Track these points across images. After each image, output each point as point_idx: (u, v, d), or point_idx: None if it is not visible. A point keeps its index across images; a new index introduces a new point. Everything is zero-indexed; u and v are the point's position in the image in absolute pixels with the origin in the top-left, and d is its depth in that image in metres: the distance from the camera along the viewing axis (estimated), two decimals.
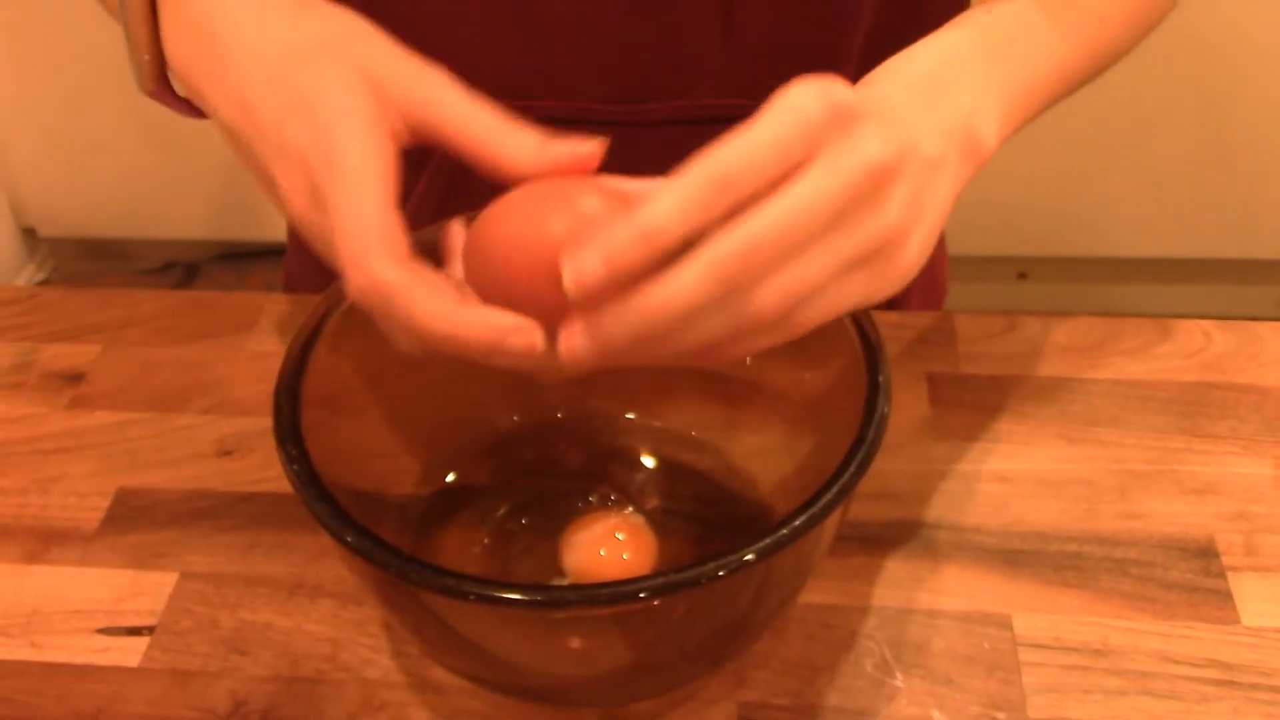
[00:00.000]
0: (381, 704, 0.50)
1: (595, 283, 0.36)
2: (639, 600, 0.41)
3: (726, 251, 0.37)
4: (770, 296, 0.38)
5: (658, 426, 0.57)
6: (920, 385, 0.63)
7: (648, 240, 0.36)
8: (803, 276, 0.38)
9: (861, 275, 0.40)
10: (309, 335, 0.48)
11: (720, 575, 0.40)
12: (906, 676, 0.50)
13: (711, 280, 0.37)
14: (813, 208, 0.38)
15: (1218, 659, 0.50)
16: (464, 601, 0.40)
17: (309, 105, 0.42)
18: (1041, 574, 0.54)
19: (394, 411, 0.53)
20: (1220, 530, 0.55)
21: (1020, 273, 1.92)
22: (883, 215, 0.40)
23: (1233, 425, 0.60)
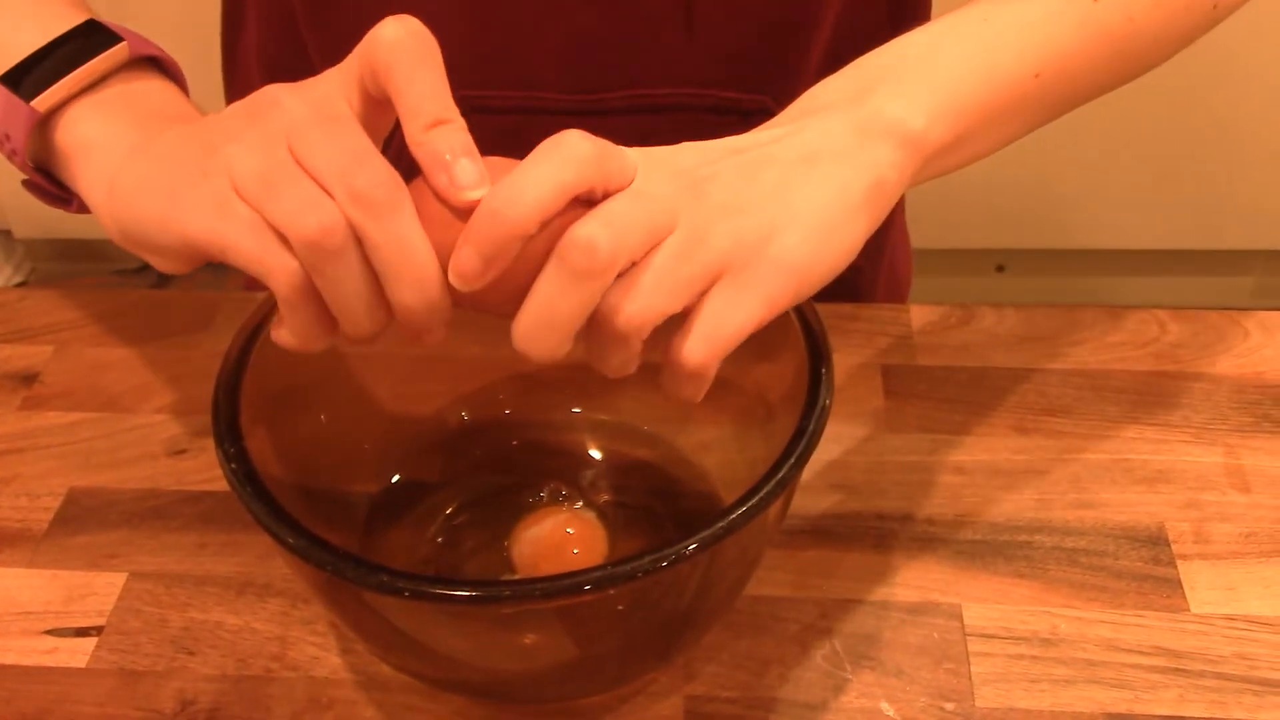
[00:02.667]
0: (329, 702, 0.50)
1: (473, 270, 0.38)
2: (578, 594, 0.40)
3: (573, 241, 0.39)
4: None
5: (607, 421, 0.57)
6: (875, 377, 0.63)
7: (495, 218, 0.38)
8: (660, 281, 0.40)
9: (725, 283, 0.40)
10: (250, 333, 0.48)
11: (661, 567, 0.40)
12: (856, 668, 0.50)
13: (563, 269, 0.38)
14: (638, 214, 0.39)
15: (1166, 647, 0.51)
16: (401, 599, 0.39)
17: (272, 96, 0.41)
18: (992, 565, 0.54)
19: (342, 409, 0.53)
20: (1171, 519, 0.56)
21: (998, 265, 1.92)
22: (721, 224, 0.40)
23: (1185, 414, 0.60)
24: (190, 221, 0.41)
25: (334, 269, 0.39)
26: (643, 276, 0.39)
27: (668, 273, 0.39)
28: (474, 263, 0.38)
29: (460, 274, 0.39)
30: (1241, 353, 0.63)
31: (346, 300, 0.40)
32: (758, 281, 0.40)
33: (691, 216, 0.40)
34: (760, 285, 0.40)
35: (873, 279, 0.82)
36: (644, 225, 0.39)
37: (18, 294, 0.71)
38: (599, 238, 0.38)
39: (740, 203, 0.41)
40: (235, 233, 0.39)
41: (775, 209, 0.41)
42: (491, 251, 0.38)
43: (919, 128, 0.44)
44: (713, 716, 0.49)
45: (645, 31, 0.64)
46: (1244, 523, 0.55)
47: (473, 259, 0.38)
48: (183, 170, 0.42)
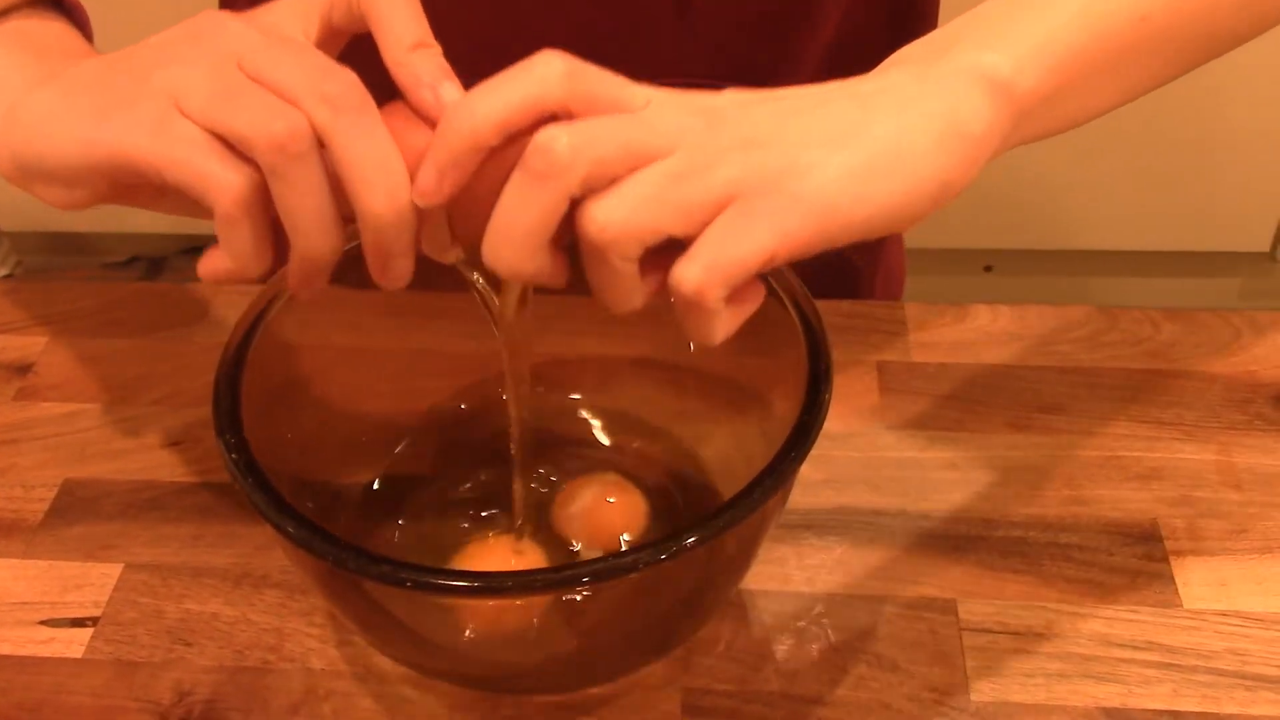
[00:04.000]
0: (326, 694, 0.50)
1: (431, 186, 0.38)
2: (578, 585, 0.41)
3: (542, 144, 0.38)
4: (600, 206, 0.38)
5: (607, 410, 0.57)
6: (870, 374, 0.63)
7: (470, 111, 0.38)
8: (636, 186, 0.38)
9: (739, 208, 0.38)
10: (251, 324, 0.48)
11: (662, 560, 0.40)
12: (851, 662, 0.50)
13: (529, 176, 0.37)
14: (644, 121, 0.38)
15: (1159, 642, 0.51)
16: (402, 590, 0.39)
17: (216, 20, 0.41)
18: (986, 559, 0.54)
19: (339, 402, 0.53)
20: (1164, 515, 0.56)
21: (986, 265, 1.93)
22: (728, 133, 0.39)
23: (1178, 412, 0.61)
24: (122, 141, 0.40)
25: (297, 174, 0.38)
26: (623, 187, 0.38)
27: (655, 189, 0.38)
28: (430, 176, 0.38)
29: (419, 189, 0.38)
30: (1234, 351, 0.64)
31: (305, 212, 0.39)
32: (772, 211, 0.37)
33: (698, 145, 0.38)
34: (774, 216, 0.37)
35: (870, 278, 0.82)
36: (618, 140, 0.38)
37: (8, 285, 0.71)
38: (559, 140, 0.37)
39: (764, 138, 0.38)
40: (175, 149, 0.39)
41: (809, 146, 0.38)
42: (446, 162, 0.38)
43: (1006, 74, 0.41)
44: (709, 710, 0.49)
45: (645, 24, 0.64)
46: (1236, 519, 0.56)
47: (429, 171, 0.38)
48: (111, 94, 0.41)
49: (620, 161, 0.38)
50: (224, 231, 0.40)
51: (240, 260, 0.40)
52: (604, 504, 0.54)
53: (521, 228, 0.38)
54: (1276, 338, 0.65)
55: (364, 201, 0.39)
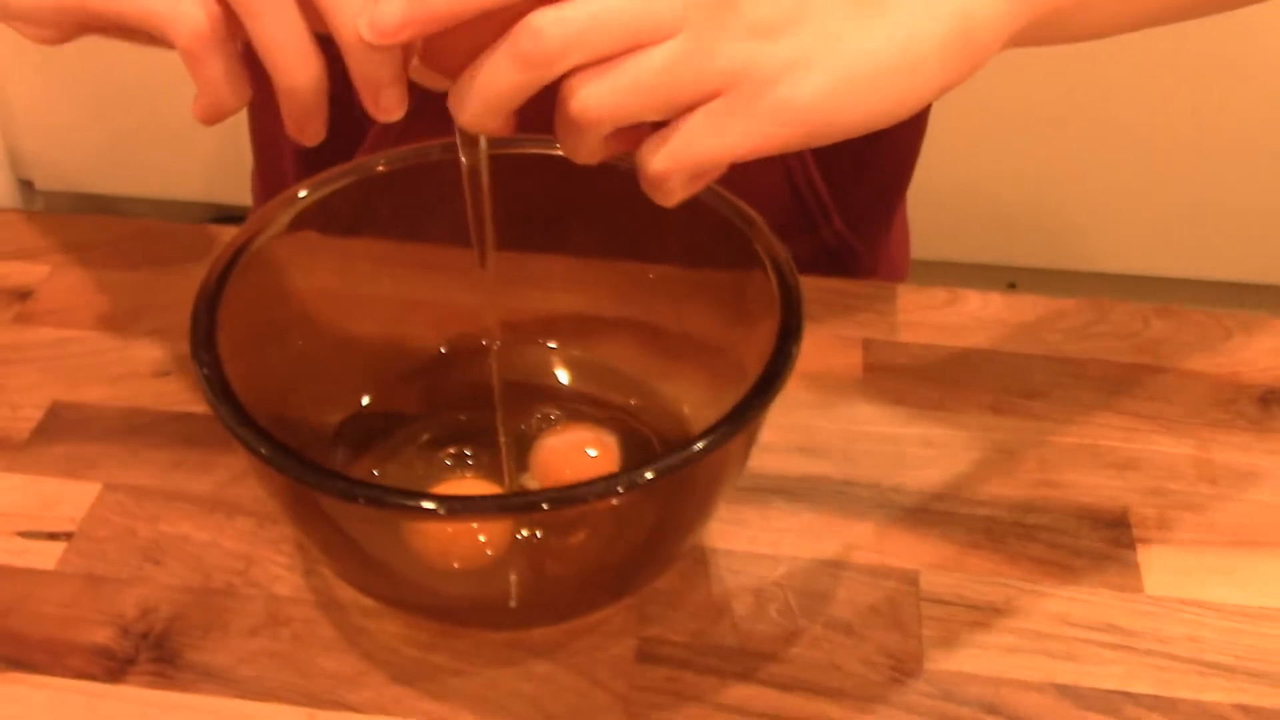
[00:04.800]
0: (286, 619, 0.50)
1: (393, 27, 0.37)
2: (532, 511, 0.41)
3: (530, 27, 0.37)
4: (583, 86, 0.38)
5: (591, 363, 0.58)
6: (856, 349, 0.63)
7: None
8: (621, 73, 0.37)
9: (715, 107, 0.38)
10: (236, 251, 0.49)
11: (617, 492, 0.40)
12: (808, 623, 0.51)
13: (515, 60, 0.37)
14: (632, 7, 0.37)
15: (1117, 625, 0.51)
16: (354, 505, 0.40)
17: None
18: (953, 535, 0.54)
19: (322, 341, 0.54)
20: (1135, 504, 0.56)
21: (1010, 283, 1.92)
22: (735, 36, 0.37)
23: (1159, 406, 0.61)
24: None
25: (260, 4, 0.38)
26: (612, 73, 0.37)
27: (642, 75, 0.37)
28: (392, 16, 0.37)
29: (372, 23, 0.37)
30: (1222, 351, 0.64)
31: (275, 40, 0.38)
32: (749, 114, 0.37)
33: (702, 30, 0.37)
34: (750, 119, 0.37)
35: (871, 266, 0.82)
36: (614, 31, 0.37)
37: (21, 215, 0.72)
38: (550, 29, 0.36)
39: (772, 27, 0.38)
40: None
41: (814, 43, 0.37)
42: (416, 14, 0.37)
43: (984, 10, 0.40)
44: (661, 658, 0.49)
45: None
46: (1208, 512, 0.56)
47: (393, 9, 0.37)
48: None
49: (615, 47, 0.37)
50: (190, 67, 0.40)
51: (214, 95, 0.40)
52: (581, 453, 0.55)
53: (496, 96, 0.38)
54: (1267, 340, 0.64)
55: (337, 31, 0.38)
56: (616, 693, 0.48)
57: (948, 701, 0.48)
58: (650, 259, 0.55)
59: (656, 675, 0.49)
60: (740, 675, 0.49)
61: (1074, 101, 1.60)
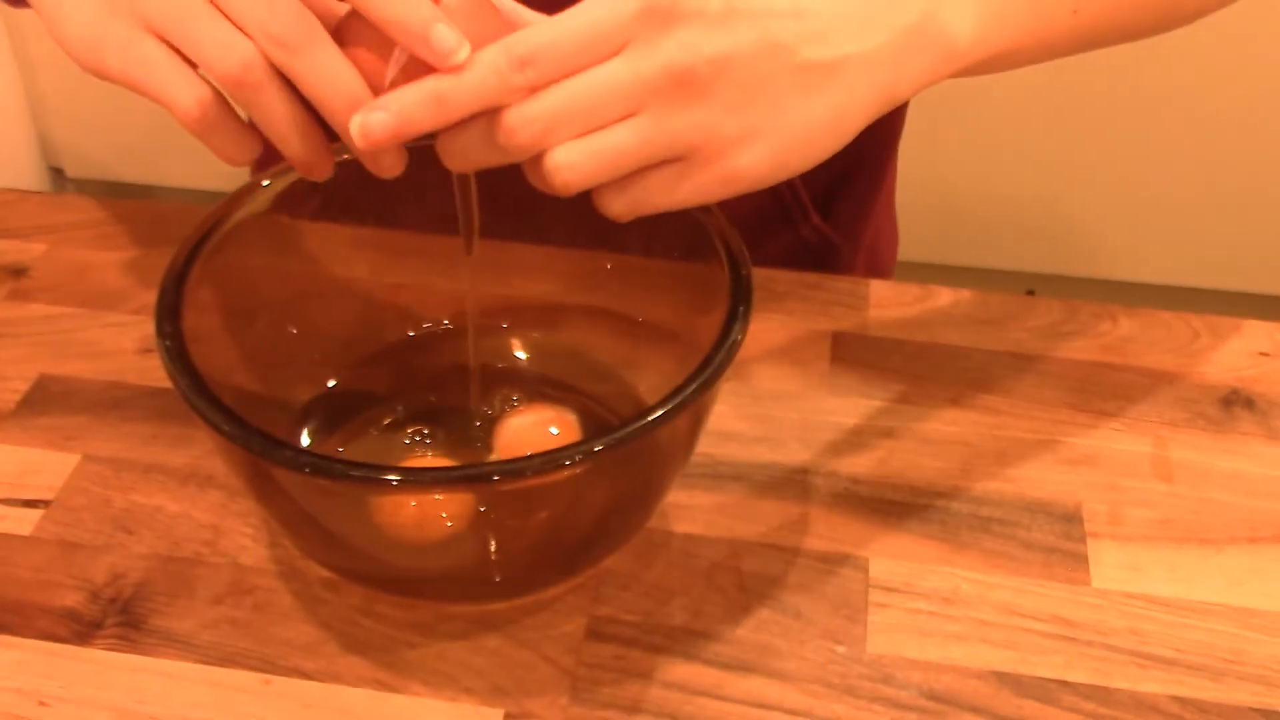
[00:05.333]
0: (250, 588, 0.52)
1: (382, 137, 0.41)
2: (472, 485, 0.43)
3: (507, 118, 0.41)
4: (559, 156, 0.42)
5: (558, 348, 0.59)
6: (824, 342, 0.64)
7: (440, 104, 0.40)
8: (591, 146, 0.41)
9: (676, 168, 0.43)
10: (206, 231, 0.51)
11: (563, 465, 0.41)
12: (756, 606, 0.52)
13: (491, 139, 0.41)
14: (600, 89, 0.41)
15: (1061, 616, 0.52)
16: (303, 475, 0.42)
17: None
18: (906, 524, 0.55)
19: (289, 320, 0.55)
20: (1089, 499, 0.57)
21: (1028, 289, 1.92)
22: (693, 110, 0.41)
23: (1121, 404, 0.61)
24: (97, 57, 0.44)
25: (261, 100, 0.42)
26: (582, 144, 0.41)
27: (612, 151, 0.42)
28: (383, 127, 0.41)
29: (363, 131, 0.41)
30: (1188, 353, 0.64)
31: (279, 128, 0.43)
32: (703, 178, 0.43)
33: (663, 109, 0.41)
34: (702, 182, 0.43)
35: (851, 263, 0.83)
36: (584, 111, 0.41)
37: (18, 195, 0.74)
38: (521, 131, 0.41)
39: (731, 105, 0.41)
40: (137, 69, 0.43)
41: (763, 118, 0.42)
42: (403, 124, 0.41)
43: (965, 44, 0.44)
44: (610, 636, 0.50)
45: None
46: (1161, 509, 0.56)
47: (383, 121, 0.41)
48: (93, 7, 0.44)
49: (583, 129, 0.41)
50: (197, 135, 0.44)
51: (224, 155, 0.45)
52: (544, 432, 0.56)
53: (474, 162, 0.43)
54: (1235, 343, 0.65)
55: (331, 122, 0.42)
56: (563, 667, 0.49)
57: (888, 685, 0.49)
58: (614, 248, 0.56)
59: (604, 652, 0.50)
60: (686, 654, 0.50)
61: (1092, 107, 1.59)
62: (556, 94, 0.41)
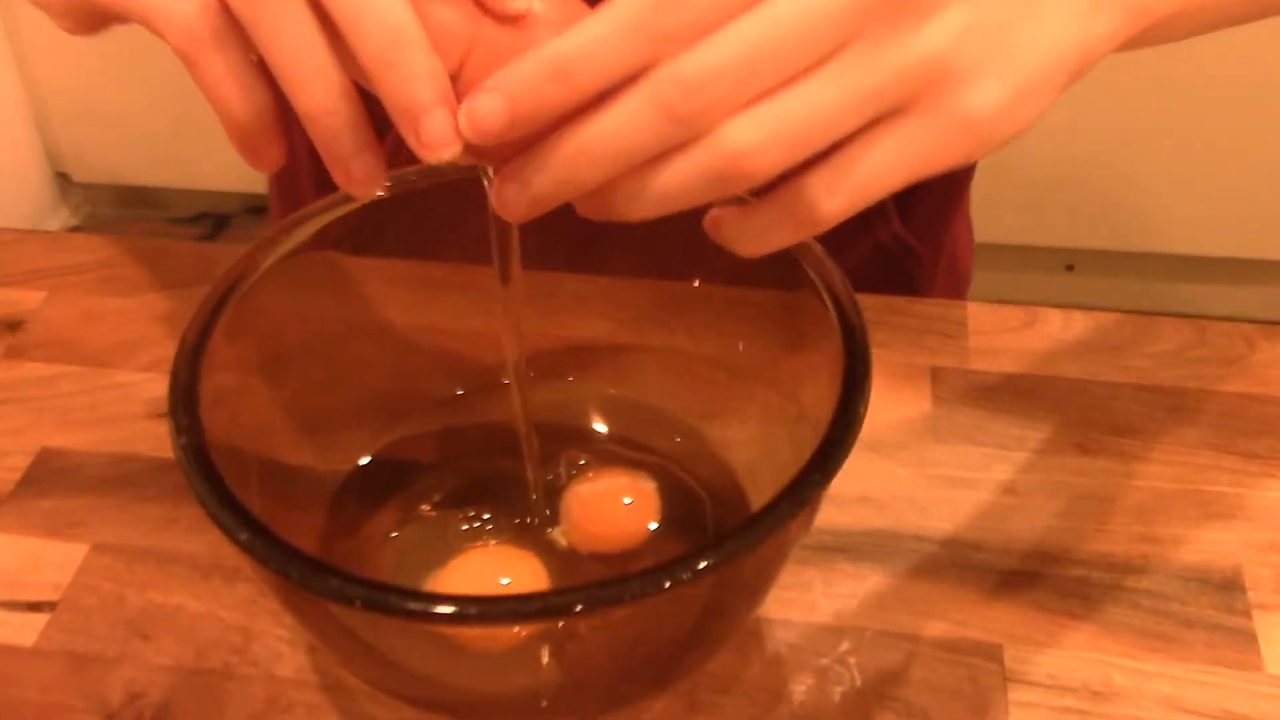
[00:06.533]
0: (288, 705, 0.45)
1: (496, 127, 0.31)
2: (560, 616, 0.35)
3: (674, 77, 0.30)
4: (744, 135, 0.31)
5: (627, 402, 0.52)
6: (924, 380, 0.57)
7: (561, 76, 0.30)
8: (790, 114, 0.31)
9: (898, 126, 0.32)
10: (225, 291, 0.43)
11: (663, 589, 0.35)
12: (877, 709, 0.44)
13: (656, 115, 0.30)
14: (795, 25, 0.30)
15: (1235, 710, 0.44)
16: (351, 609, 0.34)
17: None
18: (1042, 600, 0.48)
19: (322, 380, 0.48)
20: (1249, 561, 0.49)
21: (1067, 265, 1.85)
22: (915, 39, 0.31)
23: (1270, 444, 0.54)
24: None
25: (263, 14, 0.32)
26: (768, 110, 0.31)
27: (806, 114, 0.31)
28: (497, 113, 0.31)
29: (474, 121, 0.31)
30: None
31: (285, 54, 0.32)
32: (931, 141, 0.32)
33: (877, 34, 0.31)
34: (936, 134, 0.32)
35: (932, 270, 0.76)
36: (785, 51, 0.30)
37: (15, 235, 0.67)
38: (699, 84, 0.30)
39: (949, 30, 0.32)
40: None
41: (986, 47, 0.32)
42: (529, 110, 0.31)
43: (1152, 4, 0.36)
44: None
45: None
46: None
47: (497, 105, 0.31)
48: None
49: (770, 83, 0.31)
50: (190, 69, 0.34)
51: (219, 103, 0.34)
52: (616, 503, 0.49)
53: (607, 161, 0.31)
54: None
55: (295, 98, 0.33)
56: None
57: None
58: (688, 277, 0.49)
59: None
60: None
61: (1129, 78, 1.52)
62: (731, 40, 0.30)
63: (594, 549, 0.47)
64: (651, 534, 0.48)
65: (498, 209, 0.33)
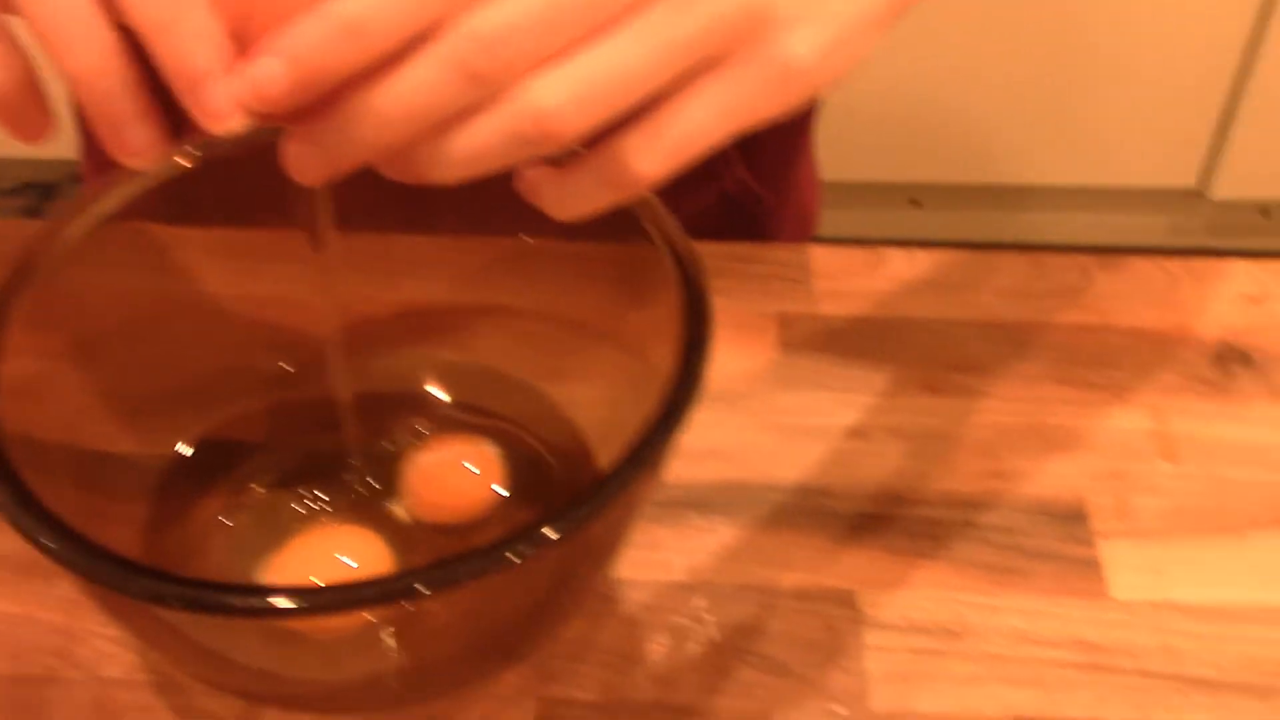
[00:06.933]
0: (118, 708, 0.42)
1: (280, 93, 0.29)
2: (395, 601, 0.34)
3: (470, 33, 0.28)
4: (547, 94, 0.29)
5: (465, 366, 0.50)
6: (770, 327, 0.56)
7: (349, 35, 0.28)
8: (596, 70, 0.29)
9: (714, 79, 0.31)
10: (21, 268, 0.40)
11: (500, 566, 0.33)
12: (736, 666, 0.44)
13: (453, 74, 0.29)
14: None
15: (1084, 639, 0.45)
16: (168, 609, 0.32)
17: None
18: (893, 543, 0.48)
19: (138, 359, 0.45)
20: (1091, 491, 0.50)
21: (912, 200, 1.87)
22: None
23: (1109, 373, 0.54)
24: None
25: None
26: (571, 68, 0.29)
27: (614, 69, 0.29)
28: (280, 77, 0.29)
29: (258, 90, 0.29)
30: (1171, 305, 0.58)
31: (47, 12, 0.29)
32: (754, 79, 0.31)
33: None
34: (754, 85, 0.31)
35: (779, 215, 0.75)
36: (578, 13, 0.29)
37: None
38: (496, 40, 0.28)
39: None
40: None
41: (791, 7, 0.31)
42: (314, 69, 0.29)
43: None
44: None
45: None
46: (1172, 496, 0.50)
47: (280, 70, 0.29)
48: None
49: (572, 36, 0.29)
50: None
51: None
52: (459, 472, 0.47)
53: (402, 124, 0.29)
54: (1217, 286, 0.59)
55: (59, 62, 0.30)
56: None
57: None
58: (522, 234, 0.47)
59: None
60: None
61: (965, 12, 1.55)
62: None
63: (438, 520, 0.46)
64: (498, 501, 0.46)
65: (291, 172, 0.31)
